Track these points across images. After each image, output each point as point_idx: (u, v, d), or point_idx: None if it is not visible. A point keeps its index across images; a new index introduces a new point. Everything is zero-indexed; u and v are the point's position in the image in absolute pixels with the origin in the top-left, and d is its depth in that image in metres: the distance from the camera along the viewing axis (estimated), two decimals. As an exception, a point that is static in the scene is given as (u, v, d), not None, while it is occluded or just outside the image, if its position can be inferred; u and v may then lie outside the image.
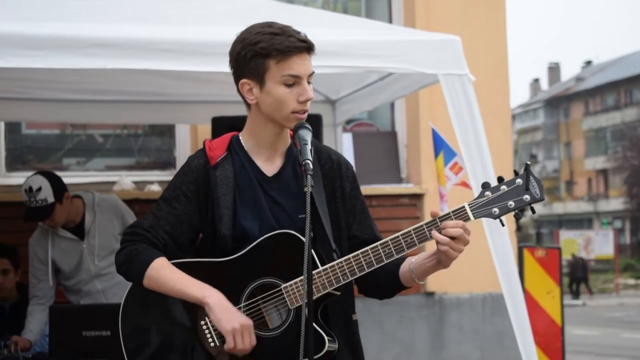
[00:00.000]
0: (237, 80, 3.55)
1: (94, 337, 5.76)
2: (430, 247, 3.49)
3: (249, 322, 3.41)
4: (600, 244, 40.02)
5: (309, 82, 3.51)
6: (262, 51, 3.43)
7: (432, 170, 7.22)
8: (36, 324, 6.41)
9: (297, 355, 3.23)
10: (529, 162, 3.51)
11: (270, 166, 3.60)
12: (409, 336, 8.83)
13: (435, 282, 8.53)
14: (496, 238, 5.47)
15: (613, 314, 28.79)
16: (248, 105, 3.58)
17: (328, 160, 3.65)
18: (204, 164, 3.60)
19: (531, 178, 3.43)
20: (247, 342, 3.40)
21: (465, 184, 5.72)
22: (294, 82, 3.46)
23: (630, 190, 60.15)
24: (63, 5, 5.42)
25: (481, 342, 8.99)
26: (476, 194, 5.24)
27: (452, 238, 3.37)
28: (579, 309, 31.49)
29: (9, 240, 6.96)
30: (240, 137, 3.65)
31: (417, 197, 8.90)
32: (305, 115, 3.52)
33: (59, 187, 6.43)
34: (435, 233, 3.38)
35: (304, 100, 3.48)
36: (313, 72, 3.53)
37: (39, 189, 6.35)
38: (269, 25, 3.50)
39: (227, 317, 3.39)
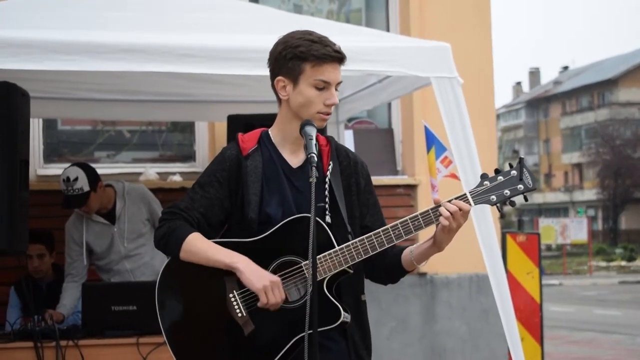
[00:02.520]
0: (273, 77, 3.57)
1: (122, 311, 5.76)
2: (425, 237, 3.57)
3: (277, 278, 3.44)
4: (575, 230, 39.90)
5: (336, 89, 3.53)
6: (300, 54, 3.46)
7: (424, 164, 7.23)
8: (70, 299, 6.42)
9: (314, 324, 3.26)
10: (522, 157, 3.60)
11: (295, 159, 3.62)
12: (403, 312, 8.84)
13: (427, 263, 8.52)
14: (482, 224, 5.47)
15: (586, 293, 28.74)
16: (279, 101, 3.59)
17: (345, 157, 3.69)
18: (237, 154, 3.61)
19: (524, 170, 3.48)
20: (277, 296, 3.42)
21: (454, 176, 5.71)
22: (323, 86, 3.49)
23: (603, 182, 60.09)
24: (95, 15, 5.43)
25: (468, 318, 9.00)
26: (464, 185, 5.27)
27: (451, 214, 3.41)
28: (556, 288, 31.41)
29: (45, 224, 6.97)
30: (270, 132, 3.67)
31: (411, 188, 8.92)
32: (328, 117, 3.56)
33: (93, 177, 6.44)
34: (441, 208, 3.42)
35: (330, 104, 3.52)
36: (341, 82, 3.56)
37: (76, 179, 6.35)
38: (309, 33, 3.54)
39: (256, 276, 3.42)
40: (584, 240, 40.15)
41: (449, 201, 3.44)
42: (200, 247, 3.51)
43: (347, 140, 8.73)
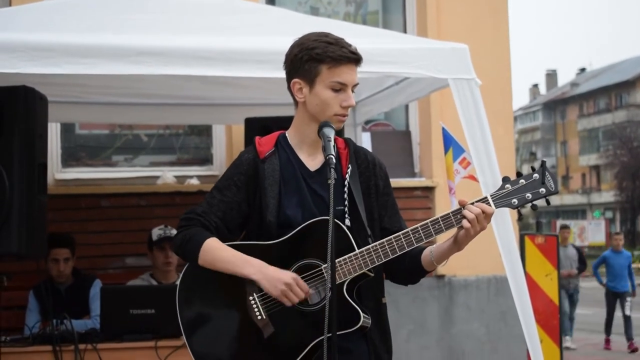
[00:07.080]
0: (289, 79, 3.56)
1: (140, 314, 5.77)
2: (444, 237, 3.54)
3: (292, 277, 3.41)
4: (593, 233, 39.80)
5: (352, 91, 3.52)
6: (317, 56, 3.45)
7: (442, 166, 7.20)
8: None
9: (334, 328, 3.25)
10: (544, 159, 3.55)
11: (312, 161, 3.60)
12: (421, 314, 8.82)
13: (445, 265, 8.50)
14: (500, 226, 5.44)
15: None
16: (296, 104, 3.58)
17: (364, 160, 3.67)
18: (254, 157, 3.60)
19: (547, 173, 3.45)
20: (299, 294, 3.41)
21: (472, 177, 5.69)
22: (340, 88, 3.48)
23: (620, 184, 59.85)
24: (113, 18, 5.43)
25: (486, 320, 8.97)
26: (482, 186, 5.24)
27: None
28: (574, 291, 31.25)
29: (63, 228, 6.99)
30: (287, 134, 3.66)
31: (429, 190, 8.90)
32: (345, 119, 3.54)
33: None
34: (465, 211, 3.40)
35: (346, 106, 3.50)
36: (357, 84, 3.54)
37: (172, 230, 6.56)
38: (326, 35, 3.53)
39: (272, 283, 3.41)
40: (602, 242, 40.03)
41: (472, 203, 3.42)
42: (215, 256, 3.50)
43: (365, 142, 8.72)
